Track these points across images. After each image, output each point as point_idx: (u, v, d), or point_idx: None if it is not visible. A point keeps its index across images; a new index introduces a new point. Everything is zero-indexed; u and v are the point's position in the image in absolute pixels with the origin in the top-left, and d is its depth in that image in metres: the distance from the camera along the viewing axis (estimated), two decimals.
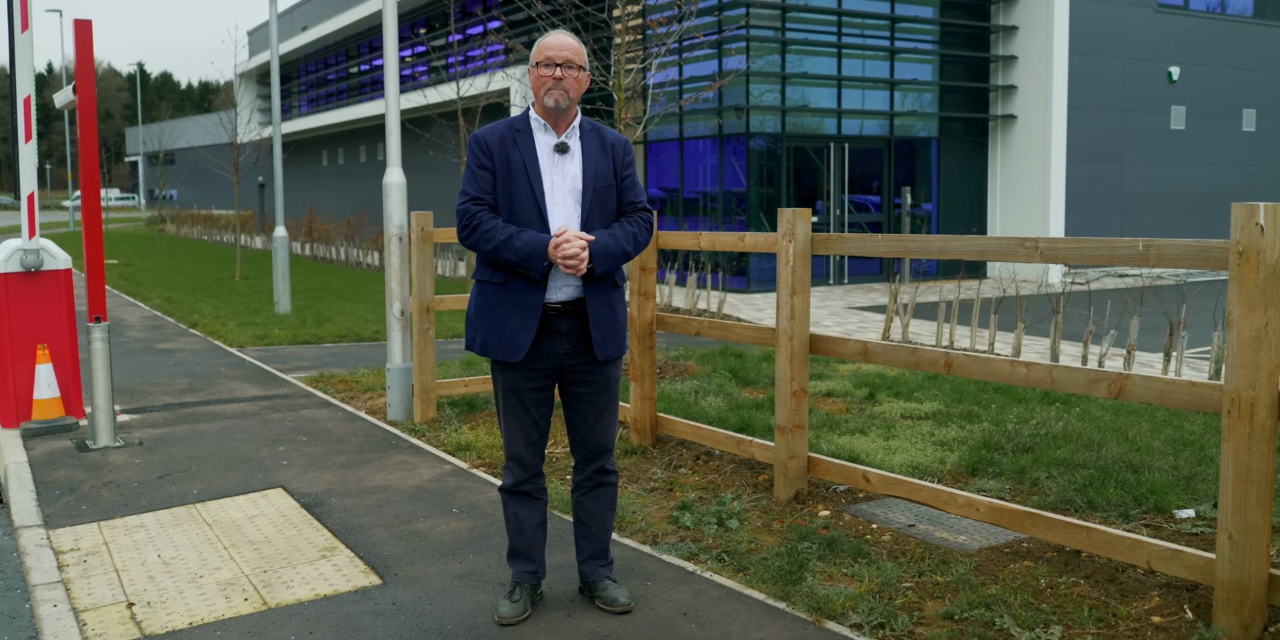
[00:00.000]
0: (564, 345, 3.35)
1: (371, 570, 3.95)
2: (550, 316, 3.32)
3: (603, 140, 3.41)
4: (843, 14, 17.27)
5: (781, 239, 4.60)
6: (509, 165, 3.31)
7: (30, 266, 6.43)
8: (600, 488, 3.54)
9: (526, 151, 3.32)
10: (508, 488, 3.49)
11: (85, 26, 6.34)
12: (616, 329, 3.40)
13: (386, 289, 6.72)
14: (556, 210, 3.31)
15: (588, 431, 3.46)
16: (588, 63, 3.40)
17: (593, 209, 3.33)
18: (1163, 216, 19.87)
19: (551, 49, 3.29)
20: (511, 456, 3.46)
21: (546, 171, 3.33)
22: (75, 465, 5.57)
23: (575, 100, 3.33)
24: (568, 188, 3.33)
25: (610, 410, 3.47)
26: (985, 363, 3.88)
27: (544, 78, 3.29)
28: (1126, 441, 5.58)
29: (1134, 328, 8.40)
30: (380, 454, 5.75)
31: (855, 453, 5.40)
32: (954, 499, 3.99)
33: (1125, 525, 4.21)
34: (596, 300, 3.34)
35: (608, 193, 3.37)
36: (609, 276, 3.36)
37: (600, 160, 3.37)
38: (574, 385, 3.43)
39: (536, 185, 3.29)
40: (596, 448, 3.48)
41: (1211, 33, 20.27)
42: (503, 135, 3.35)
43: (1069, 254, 3.61)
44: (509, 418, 3.42)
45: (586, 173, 3.34)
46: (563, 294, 3.32)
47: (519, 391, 3.37)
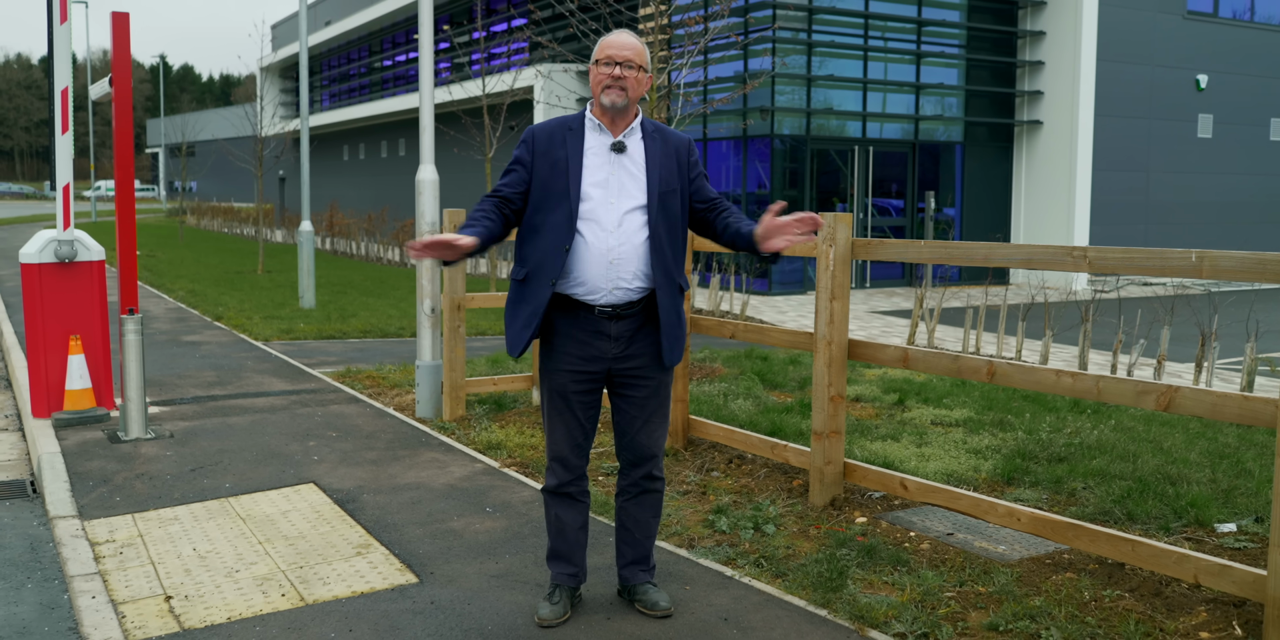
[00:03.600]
0: (613, 349, 3.30)
1: (407, 568, 3.94)
2: (599, 319, 3.27)
3: (666, 141, 3.34)
4: (869, 17, 17.21)
5: (821, 243, 4.58)
6: (552, 164, 3.25)
7: (64, 257, 6.45)
8: (646, 493, 3.50)
9: (572, 151, 3.25)
10: (550, 489, 3.45)
11: (123, 19, 6.36)
12: (681, 334, 3.35)
13: (417, 286, 6.72)
14: (611, 209, 3.22)
15: (634, 437, 3.42)
16: (650, 64, 3.32)
17: (656, 214, 3.25)
18: (1189, 225, 19.73)
19: (612, 47, 3.25)
20: (555, 458, 3.42)
21: (598, 172, 3.26)
22: (108, 456, 5.58)
23: (634, 101, 3.27)
24: (627, 190, 3.25)
25: (659, 416, 3.43)
26: (1030, 372, 3.85)
27: (602, 75, 3.24)
28: (1162, 453, 5.53)
29: (1164, 337, 8.34)
30: (411, 451, 5.75)
31: (889, 459, 5.36)
32: (994, 508, 3.95)
33: (1167, 539, 4.17)
34: (666, 305, 3.27)
35: (671, 197, 3.29)
36: (676, 281, 3.31)
37: (666, 164, 3.30)
38: (624, 389, 3.38)
39: (574, 186, 3.22)
40: (643, 453, 3.44)
41: (1240, 40, 20.11)
42: (552, 132, 3.30)
43: (1118, 264, 3.57)
44: (554, 419, 3.38)
45: (651, 177, 3.27)
46: (612, 297, 3.25)
47: (565, 394, 3.34)
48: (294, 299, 13.69)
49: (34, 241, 6.46)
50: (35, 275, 6.42)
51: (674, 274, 3.31)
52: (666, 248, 3.27)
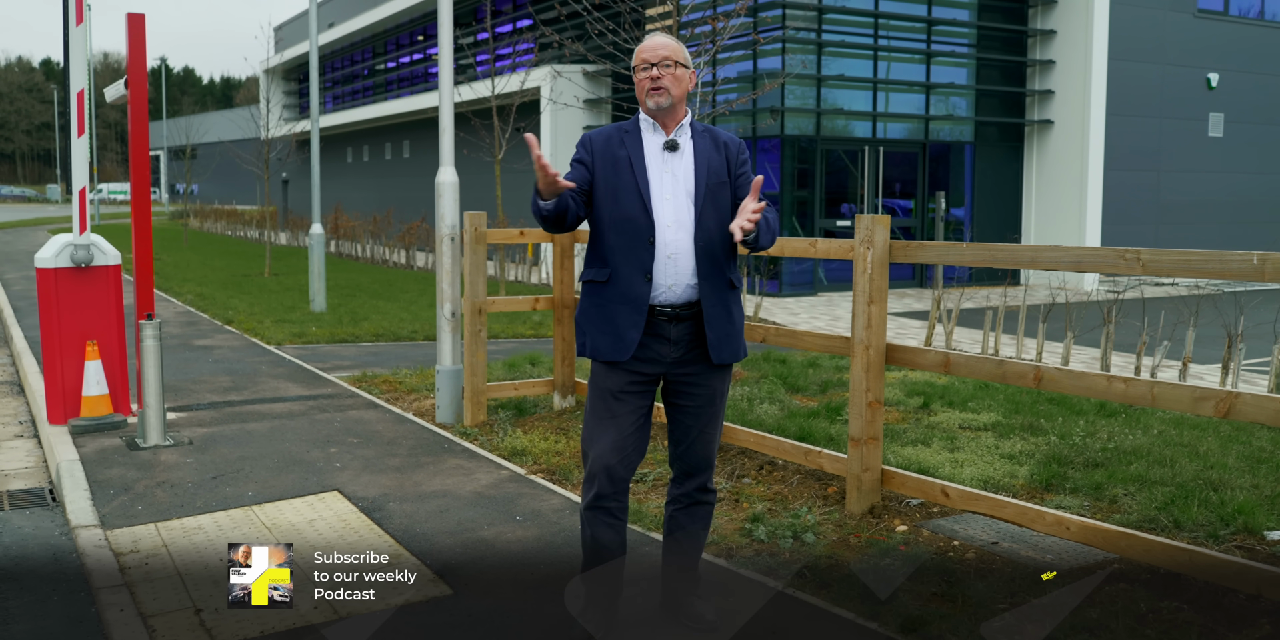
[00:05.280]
0: (672, 352, 3.22)
1: (440, 579, 3.86)
2: (658, 321, 3.20)
3: (715, 139, 3.32)
4: (879, 16, 17.13)
5: (859, 246, 4.49)
6: (614, 162, 3.24)
7: (80, 262, 6.37)
8: (698, 505, 3.40)
9: (634, 149, 3.25)
10: (590, 503, 3.25)
11: (138, 20, 6.27)
12: (733, 332, 3.25)
13: (438, 290, 6.63)
14: (666, 207, 3.21)
15: (690, 445, 3.33)
16: (689, 60, 3.28)
17: (705, 206, 3.22)
18: (1200, 225, 19.63)
19: (646, 51, 3.24)
20: (601, 467, 3.20)
21: (655, 169, 3.24)
22: (127, 464, 5.50)
23: (680, 99, 3.25)
24: (680, 186, 3.24)
25: (714, 424, 3.33)
26: (1079, 377, 3.76)
27: (642, 80, 3.24)
28: (1198, 457, 5.44)
29: (1190, 339, 8.25)
30: (434, 458, 5.66)
31: (924, 465, 5.27)
32: (1042, 517, 3.87)
33: (1217, 547, 4.08)
34: (712, 300, 3.21)
35: (720, 190, 3.26)
36: (725, 276, 3.24)
37: (713, 157, 3.27)
38: (679, 396, 3.29)
39: (642, 182, 3.21)
40: (698, 463, 3.35)
41: (1251, 38, 20.02)
42: (609, 136, 3.30)
43: (1174, 266, 3.49)
44: (603, 425, 3.21)
45: (699, 170, 3.24)
46: (671, 295, 3.19)
47: (620, 394, 3.20)
48: (304, 302, 13.61)
49: (50, 246, 6.38)
50: (51, 280, 6.33)
51: (725, 268, 3.25)
52: (717, 242, 3.22)
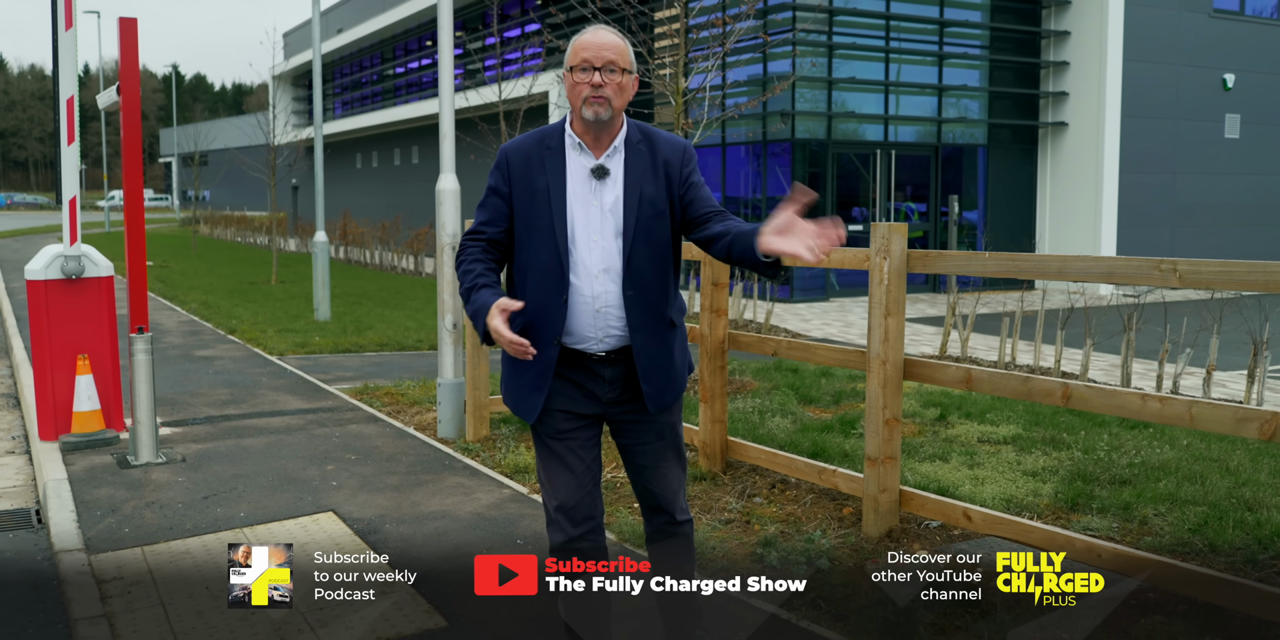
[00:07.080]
0: (608, 392, 2.88)
1: (435, 610, 3.67)
2: (593, 363, 2.85)
3: (654, 154, 2.83)
4: (890, 18, 16.91)
5: (875, 255, 4.28)
6: (531, 191, 2.80)
7: (71, 274, 6.20)
8: (671, 538, 3.11)
9: (553, 176, 2.79)
10: (558, 546, 2.89)
11: (130, 25, 6.10)
12: (674, 376, 2.90)
13: (438, 301, 6.44)
14: (593, 251, 2.78)
15: (644, 485, 3.03)
16: (634, 64, 2.79)
17: (636, 246, 2.78)
18: (1216, 227, 19.34)
19: (589, 49, 2.72)
20: (559, 509, 2.88)
21: (578, 203, 2.79)
22: (117, 483, 5.32)
23: (619, 110, 2.78)
24: (606, 222, 2.79)
25: (669, 460, 3.01)
26: (1111, 395, 3.54)
27: (580, 85, 2.73)
28: (1229, 474, 5.21)
29: (1213, 346, 8.01)
30: (434, 475, 5.47)
31: (943, 484, 5.05)
32: (1072, 543, 3.65)
33: (1257, 574, 3.85)
34: (649, 351, 2.83)
35: (656, 222, 2.81)
36: (665, 316, 2.86)
37: (648, 182, 2.81)
38: (624, 435, 2.97)
39: (559, 221, 2.77)
40: (660, 498, 3.04)
41: (1267, 39, 19.73)
42: (529, 153, 2.83)
43: (1215, 278, 3.27)
44: (551, 467, 2.90)
45: (629, 202, 2.78)
46: (602, 345, 2.84)
47: (560, 436, 2.89)
48: (308, 311, 13.44)
49: (39, 257, 6.21)
50: (41, 292, 6.16)
51: (663, 309, 2.87)
52: (653, 284, 2.83)
